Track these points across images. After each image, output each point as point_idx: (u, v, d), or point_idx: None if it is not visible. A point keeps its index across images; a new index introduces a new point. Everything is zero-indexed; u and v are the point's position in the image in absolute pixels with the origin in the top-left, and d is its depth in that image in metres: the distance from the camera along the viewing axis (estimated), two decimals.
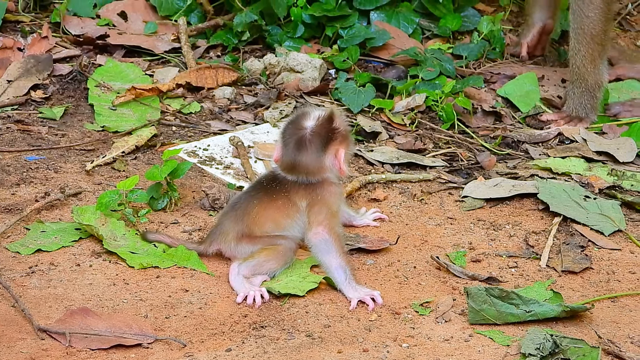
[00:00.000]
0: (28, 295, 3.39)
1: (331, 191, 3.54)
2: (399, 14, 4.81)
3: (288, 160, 3.54)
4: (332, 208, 3.52)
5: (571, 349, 3.26)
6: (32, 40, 4.63)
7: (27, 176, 3.98)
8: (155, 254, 3.60)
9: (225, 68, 4.57)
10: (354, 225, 3.74)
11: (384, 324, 3.36)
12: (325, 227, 3.49)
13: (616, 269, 3.71)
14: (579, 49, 4.43)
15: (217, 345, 3.23)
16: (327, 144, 3.49)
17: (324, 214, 3.50)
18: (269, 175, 3.63)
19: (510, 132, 4.41)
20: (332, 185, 3.54)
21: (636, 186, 4.11)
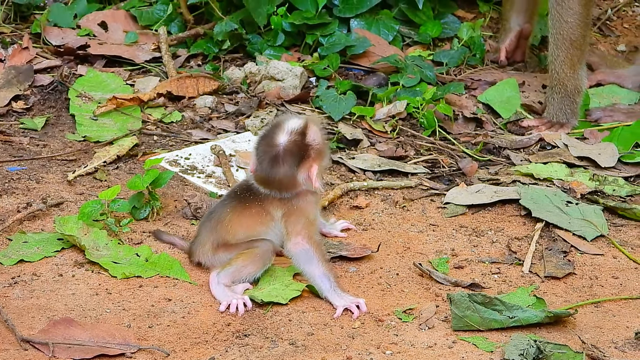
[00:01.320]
0: (11, 306, 3.36)
1: (307, 200, 3.51)
2: (379, 22, 4.79)
3: (262, 176, 3.51)
4: (309, 217, 3.50)
5: (555, 354, 3.25)
6: (12, 51, 4.61)
7: (8, 187, 3.94)
8: (138, 264, 3.57)
9: (206, 77, 4.55)
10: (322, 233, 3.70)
11: (367, 332, 3.34)
12: (304, 236, 3.46)
13: (599, 274, 3.69)
14: (558, 54, 4.43)
15: (200, 354, 3.20)
16: (300, 160, 3.45)
17: (301, 223, 3.48)
18: (243, 185, 3.61)
19: (491, 139, 4.39)
20: (308, 195, 3.51)
21: (618, 191, 4.09)
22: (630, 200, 4.06)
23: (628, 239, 3.89)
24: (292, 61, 4.59)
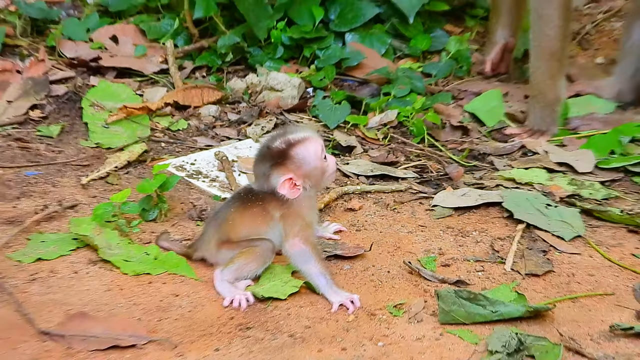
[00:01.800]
0: (30, 301, 3.42)
1: (303, 204, 3.55)
2: (372, 36, 4.87)
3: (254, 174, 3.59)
4: (305, 219, 3.54)
5: (535, 346, 3.31)
6: (29, 63, 4.67)
7: (27, 190, 4.02)
8: (147, 262, 3.64)
9: (210, 88, 4.62)
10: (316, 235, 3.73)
11: (360, 325, 3.39)
12: (300, 238, 3.52)
13: (576, 272, 3.76)
14: (539, 66, 4.49)
15: (205, 346, 3.26)
16: (275, 164, 3.48)
17: (298, 225, 3.53)
18: (247, 188, 3.66)
19: (476, 145, 4.46)
20: (304, 199, 3.55)
21: (594, 195, 4.16)
22: (606, 203, 4.13)
23: (603, 239, 3.96)
24: (290, 73, 4.67)
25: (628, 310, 3.56)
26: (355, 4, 4.89)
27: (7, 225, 3.82)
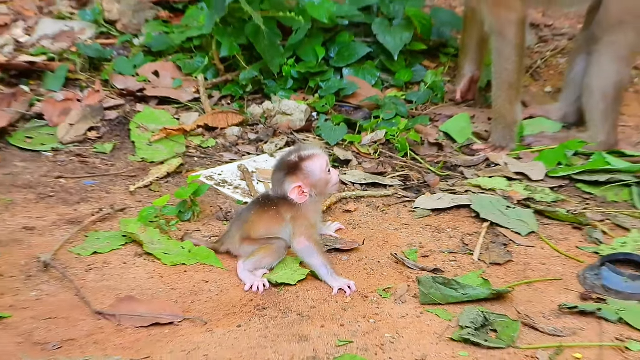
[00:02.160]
0: (87, 287, 3.39)
1: (310, 208, 3.51)
2: (364, 70, 4.80)
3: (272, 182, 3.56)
4: (310, 221, 3.51)
5: (497, 322, 3.28)
6: (87, 94, 4.62)
7: (85, 196, 3.97)
8: (183, 254, 3.59)
9: (233, 113, 4.56)
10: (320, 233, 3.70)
11: (356, 305, 3.36)
12: (306, 236, 3.48)
13: (530, 261, 3.71)
14: (500, 94, 4.43)
15: (230, 323, 3.24)
16: (289, 174, 3.45)
17: (304, 226, 3.49)
18: (265, 194, 3.63)
19: (449, 159, 4.39)
20: (312, 204, 3.51)
21: (545, 198, 4.10)
22: (555, 205, 4.06)
23: (553, 234, 3.89)
24: (298, 100, 4.61)
25: (573, 293, 3.52)
26: (351, 45, 4.84)
27: (69, 225, 3.77)
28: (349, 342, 3.15)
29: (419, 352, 3.13)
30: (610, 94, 4.42)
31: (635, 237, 3.86)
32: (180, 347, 3.10)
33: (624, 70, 4.43)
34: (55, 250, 3.55)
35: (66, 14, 5.28)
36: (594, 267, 3.62)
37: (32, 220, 3.78)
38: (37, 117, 4.47)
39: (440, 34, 5.10)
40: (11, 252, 3.56)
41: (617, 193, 4.19)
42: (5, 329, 3.16)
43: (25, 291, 3.36)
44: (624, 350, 3.21)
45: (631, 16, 4.31)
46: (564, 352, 3.17)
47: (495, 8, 4.34)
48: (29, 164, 4.18)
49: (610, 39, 4.35)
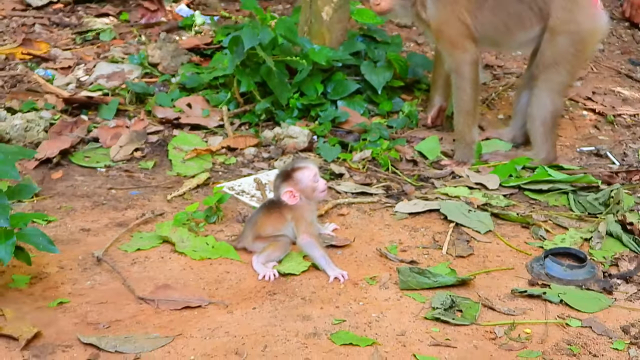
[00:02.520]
0: (132, 277, 3.36)
1: (305, 209, 3.48)
2: (354, 102, 4.76)
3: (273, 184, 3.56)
4: (307, 220, 3.47)
5: (462, 304, 3.26)
6: (134, 121, 4.56)
7: (131, 204, 3.91)
8: (208, 250, 3.54)
9: (250, 136, 4.50)
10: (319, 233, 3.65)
11: (348, 291, 3.33)
12: (307, 233, 3.45)
13: (488, 254, 3.66)
14: (460, 120, 4.41)
15: (247, 306, 3.21)
16: (282, 181, 3.46)
17: (304, 225, 3.46)
18: (270, 199, 3.62)
19: (422, 172, 4.33)
20: (306, 205, 3.49)
21: (499, 203, 4.04)
22: (507, 209, 4.01)
23: (506, 232, 3.84)
24: (302, 126, 4.55)
25: (523, 280, 3.50)
26: (344, 82, 4.80)
27: (118, 227, 3.72)
28: (342, 320, 3.14)
29: (400, 328, 3.12)
30: (548, 120, 4.39)
31: (572, 234, 3.82)
32: (206, 326, 3.08)
33: (558, 101, 4.40)
34: (106, 247, 3.51)
35: (118, 58, 5.25)
36: (539, 259, 3.59)
37: (88, 223, 3.73)
38: (94, 140, 4.41)
39: (414, 73, 5.07)
40: (71, 249, 3.51)
41: (556, 199, 4.14)
42: (65, 312, 3.13)
43: (81, 281, 3.32)
44: (565, 326, 3.21)
45: (561, 58, 4.30)
46: (516, 328, 3.16)
47: (453, 50, 4.33)
48: (86, 178, 4.13)
49: (546, 77, 4.34)
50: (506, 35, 4.41)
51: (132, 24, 5.85)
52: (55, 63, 5.23)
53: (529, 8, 4.31)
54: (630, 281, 3.52)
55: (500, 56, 5.72)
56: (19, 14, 5.96)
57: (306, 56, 4.66)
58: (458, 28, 4.30)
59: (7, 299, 3.18)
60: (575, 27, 4.27)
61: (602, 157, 4.62)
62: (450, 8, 4.31)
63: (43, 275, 3.33)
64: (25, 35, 5.56)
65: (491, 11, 4.33)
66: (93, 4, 6.12)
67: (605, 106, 5.17)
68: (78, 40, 5.57)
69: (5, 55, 5.29)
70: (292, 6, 6.16)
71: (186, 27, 5.72)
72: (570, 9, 4.27)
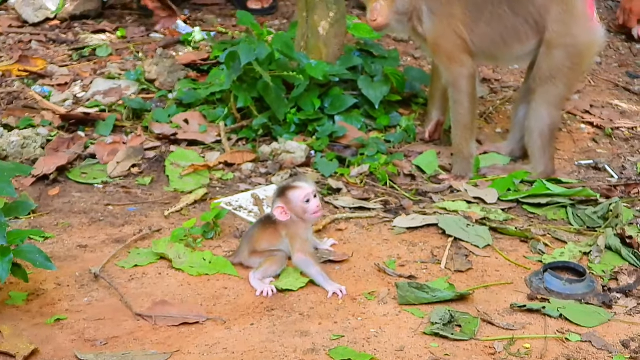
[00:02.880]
0: (129, 293, 3.35)
1: (298, 226, 3.48)
2: (352, 117, 4.76)
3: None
4: (302, 238, 3.47)
5: (461, 319, 3.25)
6: (131, 137, 4.56)
7: (128, 220, 3.90)
8: (205, 266, 3.54)
9: (248, 152, 4.49)
10: (317, 248, 3.66)
11: (346, 306, 3.32)
12: (301, 251, 3.45)
13: (487, 269, 3.65)
14: (457, 134, 4.41)
15: (245, 321, 3.20)
16: (276, 198, 3.48)
17: (299, 243, 3.46)
18: (266, 215, 3.63)
19: (420, 187, 4.32)
20: (300, 223, 3.49)
21: (498, 217, 4.04)
22: (505, 223, 4.00)
23: (504, 246, 3.83)
24: (300, 141, 4.55)
25: (522, 294, 3.49)
26: (341, 97, 4.79)
27: (115, 243, 3.71)
28: (341, 336, 3.12)
29: (398, 344, 3.11)
30: (546, 133, 4.39)
31: (571, 248, 3.82)
32: (204, 342, 3.07)
33: (555, 114, 4.41)
34: (103, 264, 3.50)
35: (115, 74, 5.26)
36: (538, 273, 3.58)
37: (85, 240, 3.72)
38: (91, 157, 4.41)
39: (412, 87, 5.06)
40: (68, 266, 3.51)
41: (555, 212, 4.14)
42: (62, 329, 3.13)
43: (78, 297, 3.32)
44: (564, 340, 3.20)
45: (558, 72, 4.31)
46: (515, 343, 3.15)
47: (450, 64, 4.34)
48: (83, 194, 4.12)
49: (543, 90, 4.34)
50: (503, 49, 4.42)
51: (129, 39, 5.86)
52: (52, 80, 5.23)
53: (525, 21, 4.32)
54: (629, 295, 3.51)
55: (498, 70, 5.74)
56: (15, 30, 5.97)
57: (303, 71, 4.66)
58: (454, 42, 4.31)
59: (4, 315, 3.18)
60: (572, 41, 4.28)
61: (601, 171, 4.62)
62: (446, 22, 4.32)
63: (40, 292, 3.33)
64: (21, 52, 5.56)
65: (488, 24, 4.34)
66: (90, 21, 6.13)
67: (603, 119, 5.18)
68: (75, 56, 5.58)
69: (2, 72, 5.29)
70: (288, 21, 6.18)
71: (185, 42, 5.73)
72: (566, 22, 4.28)
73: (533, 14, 4.31)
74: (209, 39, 5.73)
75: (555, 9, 4.28)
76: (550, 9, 4.28)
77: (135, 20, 6.19)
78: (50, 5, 6.10)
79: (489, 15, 4.34)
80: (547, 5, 4.28)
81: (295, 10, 6.14)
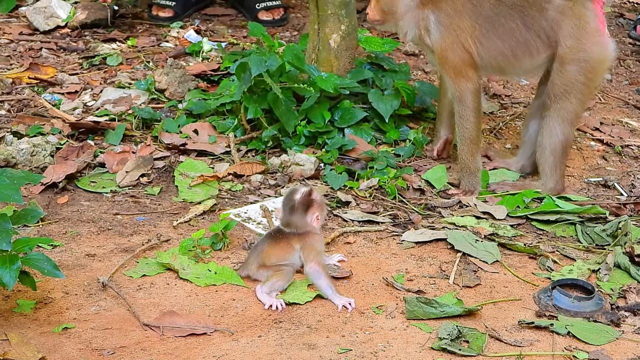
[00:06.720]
0: (137, 303, 3.37)
1: (315, 238, 3.53)
2: (362, 130, 4.76)
3: (285, 220, 3.57)
4: (317, 249, 3.51)
5: (469, 334, 3.27)
6: (140, 147, 4.58)
7: (137, 229, 3.93)
8: (211, 277, 3.56)
9: (257, 163, 4.51)
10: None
11: (354, 320, 3.34)
12: (315, 262, 3.47)
13: (495, 285, 3.67)
14: (463, 148, 4.42)
15: (252, 333, 3.22)
16: (307, 209, 3.52)
17: (313, 253, 3.49)
18: (276, 229, 3.64)
19: (429, 201, 4.33)
20: (316, 234, 3.55)
21: (507, 233, 4.05)
22: (514, 239, 4.01)
23: (513, 263, 3.84)
24: (309, 154, 4.56)
25: (530, 311, 3.50)
26: (351, 110, 4.79)
27: (123, 252, 3.74)
28: (348, 350, 3.14)
29: (406, 358, 3.12)
30: (558, 150, 4.40)
31: (579, 265, 3.83)
32: (211, 353, 3.09)
33: (568, 131, 4.42)
34: (111, 273, 3.52)
35: (125, 84, 5.28)
36: (547, 290, 3.59)
37: (94, 249, 3.74)
38: (100, 166, 4.43)
39: (422, 101, 5.06)
40: (76, 275, 3.53)
41: (564, 230, 4.15)
42: (69, 338, 3.15)
43: (86, 306, 3.34)
44: (571, 358, 3.21)
45: (572, 87, 4.33)
46: None
47: (457, 78, 4.35)
48: (92, 203, 4.14)
49: (558, 106, 4.35)
50: (512, 62, 4.43)
51: (140, 49, 5.88)
52: (62, 88, 5.26)
53: (537, 36, 4.34)
54: (638, 314, 3.52)
55: (508, 85, 5.75)
56: (26, 38, 6.00)
57: (313, 83, 4.68)
58: (461, 55, 4.33)
59: (12, 323, 3.20)
60: (584, 55, 4.30)
61: (610, 188, 4.62)
62: (455, 34, 4.33)
63: (48, 301, 3.35)
64: (32, 60, 5.59)
65: (498, 38, 4.35)
66: (100, 29, 6.15)
67: (613, 137, 5.18)
68: (85, 65, 5.61)
69: (12, 80, 5.32)
70: (299, 33, 6.20)
71: (193, 53, 5.75)
72: (578, 37, 4.29)
73: (545, 29, 4.33)
74: (220, 49, 5.75)
75: (568, 23, 4.30)
76: (562, 23, 4.30)
77: (146, 29, 6.22)
78: (61, 13, 6.14)
79: (500, 29, 4.35)
80: (559, 20, 4.30)
81: (306, 23, 6.18)
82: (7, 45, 5.86)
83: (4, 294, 3.34)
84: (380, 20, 4.49)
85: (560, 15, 4.30)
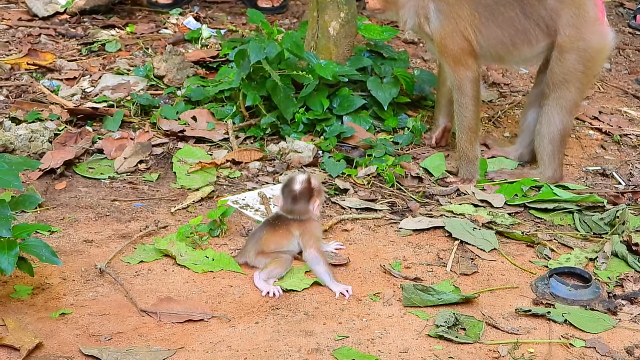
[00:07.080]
0: (134, 289, 3.37)
1: (314, 225, 3.54)
2: (360, 117, 4.76)
3: (287, 208, 3.56)
4: (316, 235, 3.52)
5: (466, 322, 3.27)
6: (139, 133, 4.57)
7: (135, 216, 3.92)
8: (209, 263, 3.55)
9: (255, 150, 4.51)
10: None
11: (351, 307, 3.34)
12: (314, 248, 3.48)
13: (492, 272, 3.67)
14: (462, 136, 4.41)
15: (249, 320, 3.22)
16: (309, 197, 3.53)
17: (313, 239, 3.49)
18: (275, 215, 3.64)
19: (427, 189, 4.32)
20: (315, 221, 3.56)
21: (504, 222, 4.04)
22: (512, 227, 4.01)
23: (510, 251, 3.84)
24: (307, 141, 4.56)
25: (527, 299, 3.51)
26: (350, 97, 4.79)
27: (121, 238, 3.73)
28: (345, 337, 3.14)
29: (403, 345, 3.12)
30: (557, 138, 4.39)
31: (577, 253, 3.83)
32: (208, 340, 3.09)
33: (567, 119, 4.41)
34: (109, 259, 3.52)
35: (124, 70, 5.28)
36: (544, 278, 3.59)
37: (91, 235, 3.74)
38: (98, 152, 4.43)
39: (421, 89, 5.07)
40: (74, 260, 3.53)
41: (562, 218, 4.15)
42: (67, 323, 3.15)
43: (84, 292, 3.34)
44: (568, 346, 3.21)
45: (571, 76, 4.32)
46: (519, 347, 3.17)
47: (456, 66, 4.34)
48: (90, 189, 4.13)
49: (557, 95, 4.35)
50: (511, 51, 4.42)
51: (139, 35, 5.88)
52: (61, 74, 5.26)
53: (536, 24, 4.33)
54: (634, 302, 3.52)
55: (507, 74, 5.75)
56: (24, 24, 5.99)
57: (312, 71, 4.67)
58: (461, 44, 4.32)
59: (9, 309, 3.20)
60: (584, 44, 4.29)
61: (608, 177, 4.62)
62: (454, 23, 4.32)
63: (45, 286, 3.35)
64: (30, 46, 5.59)
65: (497, 26, 4.34)
66: (99, 16, 6.15)
67: (612, 126, 5.18)
68: (84, 51, 5.60)
69: (11, 65, 5.32)
70: (298, 20, 6.20)
71: (192, 40, 5.75)
72: (578, 25, 4.28)
73: (544, 17, 4.32)
74: (219, 36, 5.75)
75: (567, 12, 4.29)
76: (561, 12, 4.29)
77: (145, 16, 6.22)
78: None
79: (499, 17, 4.34)
80: (558, 9, 4.29)
81: (305, 10, 6.17)
82: (6, 31, 5.86)
83: (2, 279, 3.34)
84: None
85: (559, 3, 4.29)
